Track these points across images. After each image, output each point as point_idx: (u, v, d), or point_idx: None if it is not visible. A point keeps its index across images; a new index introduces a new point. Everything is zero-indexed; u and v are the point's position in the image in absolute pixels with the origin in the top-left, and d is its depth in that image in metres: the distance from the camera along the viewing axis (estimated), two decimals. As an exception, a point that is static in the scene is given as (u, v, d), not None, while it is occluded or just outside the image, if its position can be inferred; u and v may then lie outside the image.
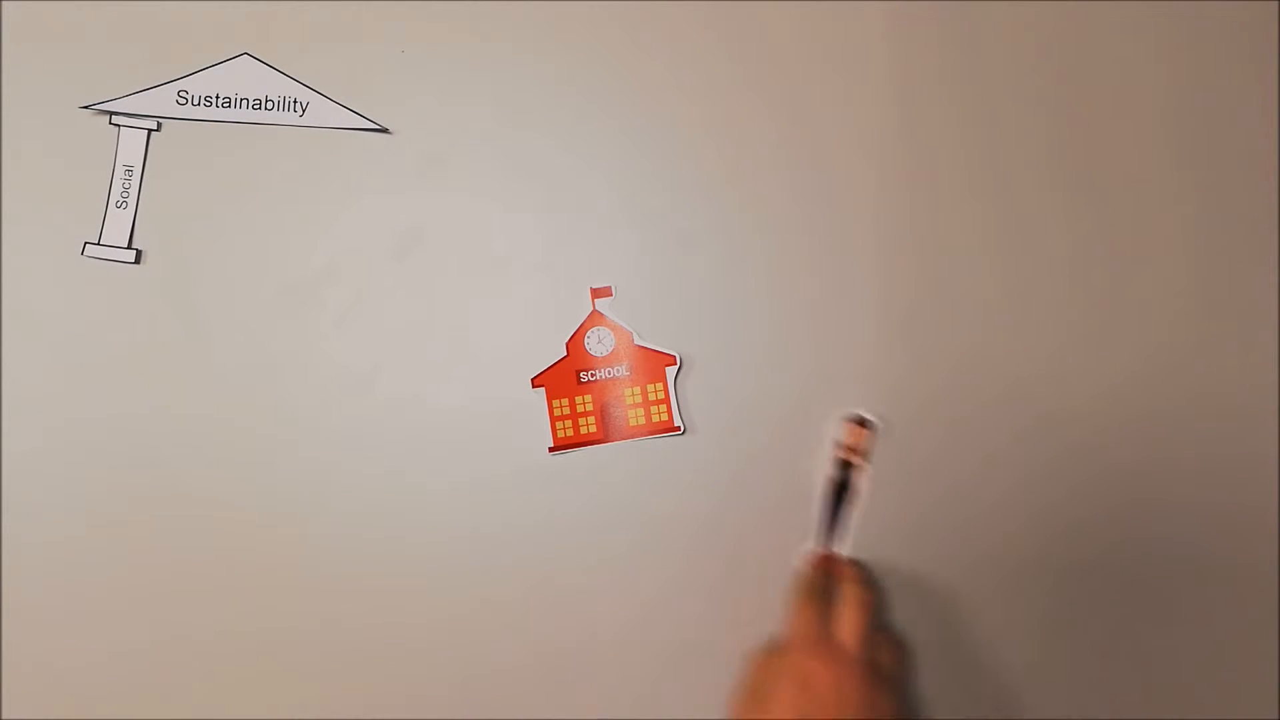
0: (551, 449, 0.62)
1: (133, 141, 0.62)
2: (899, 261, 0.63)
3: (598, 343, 0.63)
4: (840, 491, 0.62)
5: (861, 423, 0.61)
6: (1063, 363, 0.63)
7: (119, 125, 0.62)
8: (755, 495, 0.62)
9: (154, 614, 0.62)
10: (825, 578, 0.60)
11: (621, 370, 0.62)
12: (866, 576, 0.61)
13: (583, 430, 0.62)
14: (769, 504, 0.62)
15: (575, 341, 0.63)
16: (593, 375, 0.62)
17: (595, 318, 0.63)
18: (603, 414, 0.62)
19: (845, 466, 0.61)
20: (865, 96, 0.64)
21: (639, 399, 0.62)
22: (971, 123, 0.64)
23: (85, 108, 0.62)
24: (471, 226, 0.63)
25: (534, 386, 0.62)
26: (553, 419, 0.62)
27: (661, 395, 0.62)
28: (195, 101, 0.63)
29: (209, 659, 0.62)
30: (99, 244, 0.62)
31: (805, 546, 0.62)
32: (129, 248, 0.62)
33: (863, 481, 0.61)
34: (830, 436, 0.62)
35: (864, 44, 0.64)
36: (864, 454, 0.61)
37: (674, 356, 0.62)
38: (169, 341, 0.62)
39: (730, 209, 0.63)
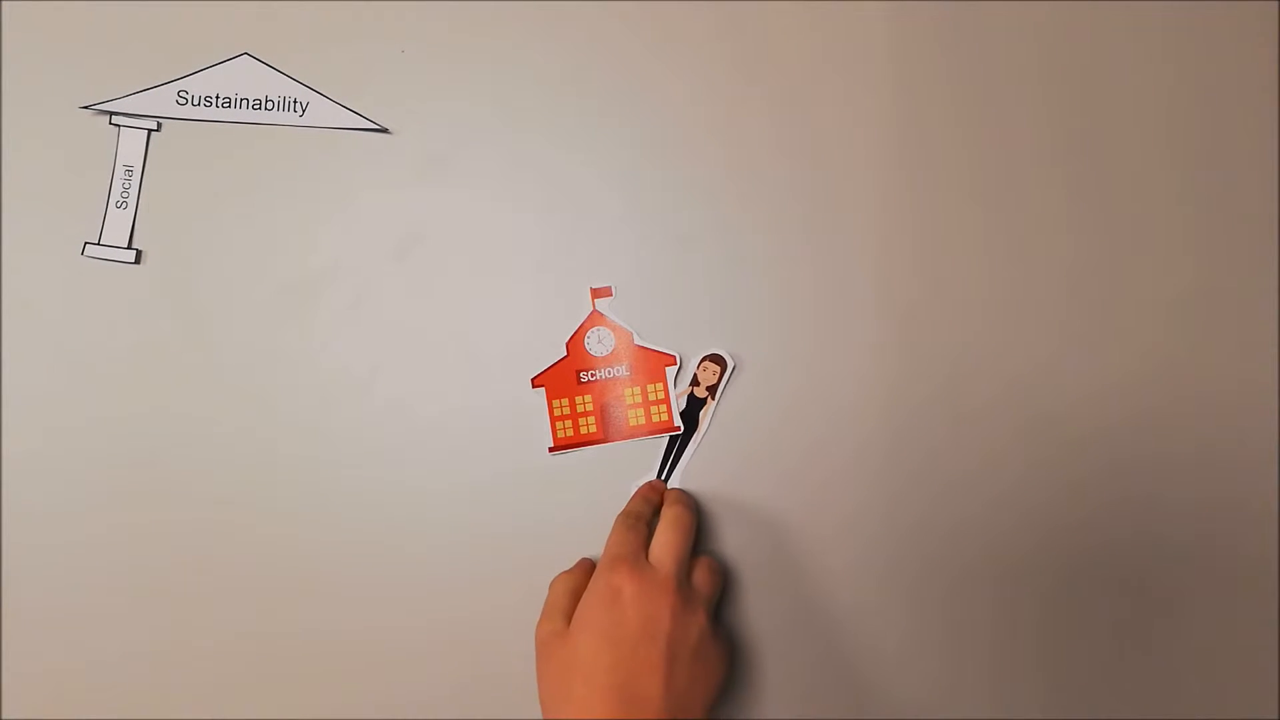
0: (551, 449, 0.62)
1: (133, 141, 0.62)
2: (899, 261, 0.63)
3: (598, 343, 0.63)
4: (686, 426, 0.62)
5: (717, 361, 0.61)
6: (1062, 363, 0.63)
7: (119, 125, 0.62)
8: (752, 494, 0.62)
9: (154, 614, 0.62)
10: (650, 507, 0.60)
11: (621, 370, 0.62)
12: (689, 501, 0.60)
13: (583, 430, 0.62)
14: (766, 502, 0.62)
15: (575, 341, 0.63)
16: (593, 375, 0.62)
17: (595, 318, 0.63)
18: (603, 414, 0.62)
19: (694, 403, 0.61)
20: (866, 96, 0.64)
21: (639, 399, 0.62)
22: (972, 123, 0.64)
23: (85, 108, 0.62)
24: (471, 226, 0.63)
25: (534, 386, 0.62)
26: (553, 419, 0.62)
27: (661, 395, 0.62)
28: (195, 101, 0.63)
29: (209, 659, 0.62)
30: (99, 244, 0.62)
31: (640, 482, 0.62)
32: (129, 248, 0.62)
33: (707, 418, 0.61)
34: (826, 434, 0.62)
35: (865, 44, 0.64)
36: (714, 391, 0.61)
37: (674, 356, 0.62)
38: (169, 341, 0.62)
39: (730, 209, 0.63)
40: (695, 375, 0.62)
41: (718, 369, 0.61)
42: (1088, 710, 0.62)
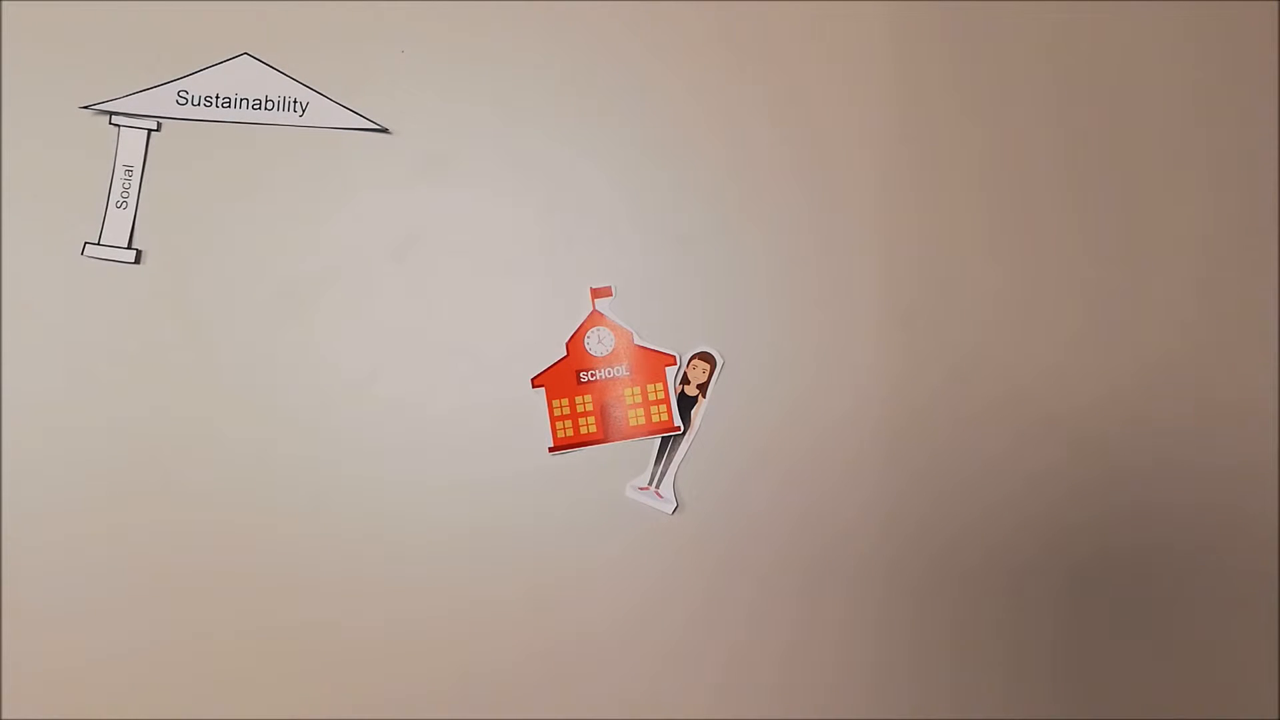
0: (551, 449, 0.62)
1: (133, 141, 0.62)
2: (900, 262, 0.63)
3: (598, 343, 0.63)
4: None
5: (706, 359, 0.61)
6: (1066, 365, 0.63)
7: (119, 125, 0.62)
8: (755, 494, 0.62)
9: (154, 614, 0.62)
10: None
11: (621, 370, 0.62)
12: None
13: (583, 430, 0.62)
14: (768, 503, 0.62)
15: (575, 341, 0.63)
16: (593, 375, 0.62)
17: (595, 318, 0.63)
18: (603, 414, 0.62)
19: (686, 401, 0.61)
20: (867, 96, 0.64)
21: (639, 399, 0.62)
22: (973, 123, 0.64)
23: (85, 108, 0.62)
24: (472, 226, 0.63)
25: (534, 386, 0.62)
26: (553, 419, 0.62)
27: (661, 395, 0.62)
28: (195, 101, 0.63)
29: (209, 659, 0.62)
30: (99, 244, 0.62)
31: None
32: (129, 248, 0.62)
33: (698, 416, 0.61)
34: (828, 434, 0.62)
35: (866, 43, 0.64)
36: (704, 389, 0.61)
37: (674, 356, 0.62)
38: (169, 342, 0.62)
39: (730, 209, 0.63)
40: (685, 374, 0.62)
41: (708, 366, 0.61)
42: (1090, 710, 0.62)
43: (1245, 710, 0.62)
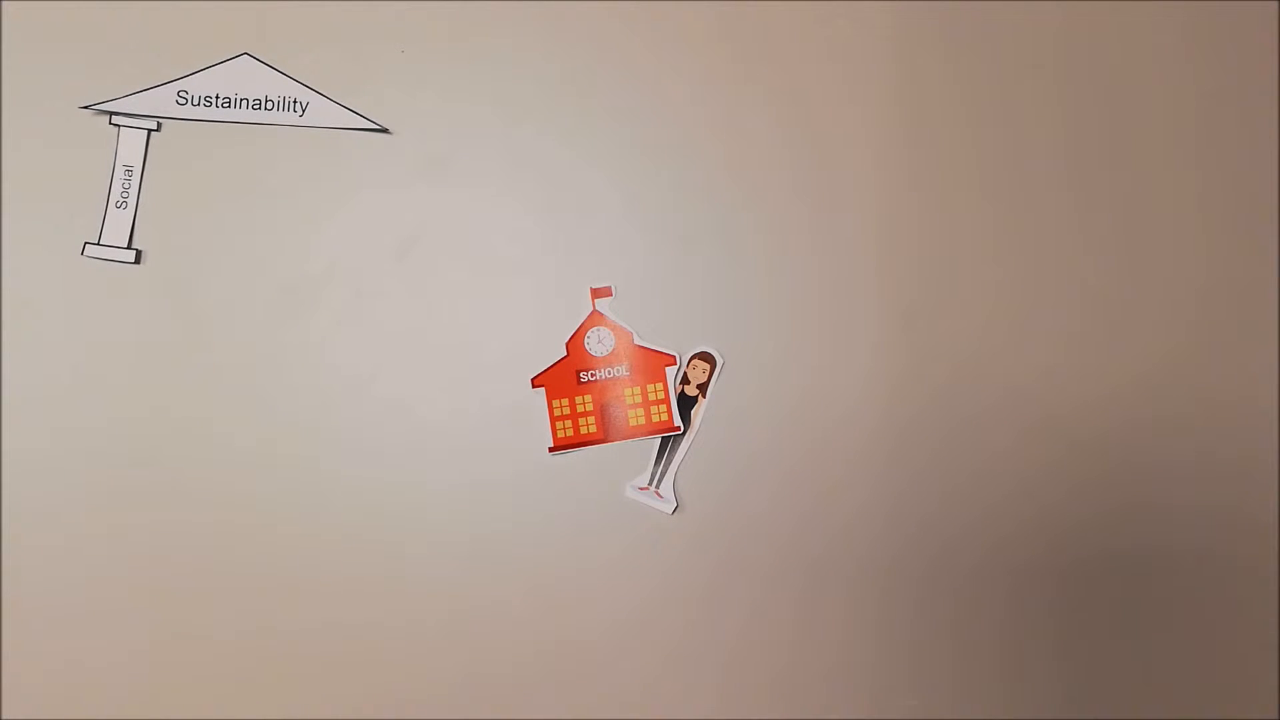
0: (551, 449, 0.62)
1: (133, 141, 0.62)
2: (901, 262, 0.63)
3: (598, 343, 0.63)
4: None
5: (706, 358, 0.61)
6: (1066, 366, 0.63)
7: (119, 125, 0.62)
8: (755, 494, 0.62)
9: (154, 614, 0.62)
10: None
11: (621, 370, 0.62)
12: None
13: (583, 430, 0.62)
14: (768, 503, 0.62)
15: (575, 341, 0.63)
16: (593, 375, 0.62)
17: (595, 318, 0.63)
18: (603, 414, 0.62)
19: (686, 401, 0.61)
20: (868, 96, 0.64)
21: (639, 399, 0.62)
22: (974, 123, 0.64)
23: (85, 108, 0.62)
24: (472, 226, 0.63)
25: (534, 386, 0.62)
26: (553, 419, 0.62)
27: (661, 395, 0.62)
28: (195, 101, 0.63)
29: (209, 659, 0.62)
30: (99, 244, 0.62)
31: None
32: (129, 248, 0.62)
33: (698, 416, 0.61)
34: (829, 434, 0.62)
35: (867, 43, 0.64)
36: (704, 389, 0.61)
37: (674, 356, 0.62)
38: (169, 341, 0.62)
39: (730, 209, 0.63)
40: (685, 374, 0.62)
41: (708, 366, 0.61)
42: (1090, 710, 0.62)
43: (1245, 710, 0.62)
